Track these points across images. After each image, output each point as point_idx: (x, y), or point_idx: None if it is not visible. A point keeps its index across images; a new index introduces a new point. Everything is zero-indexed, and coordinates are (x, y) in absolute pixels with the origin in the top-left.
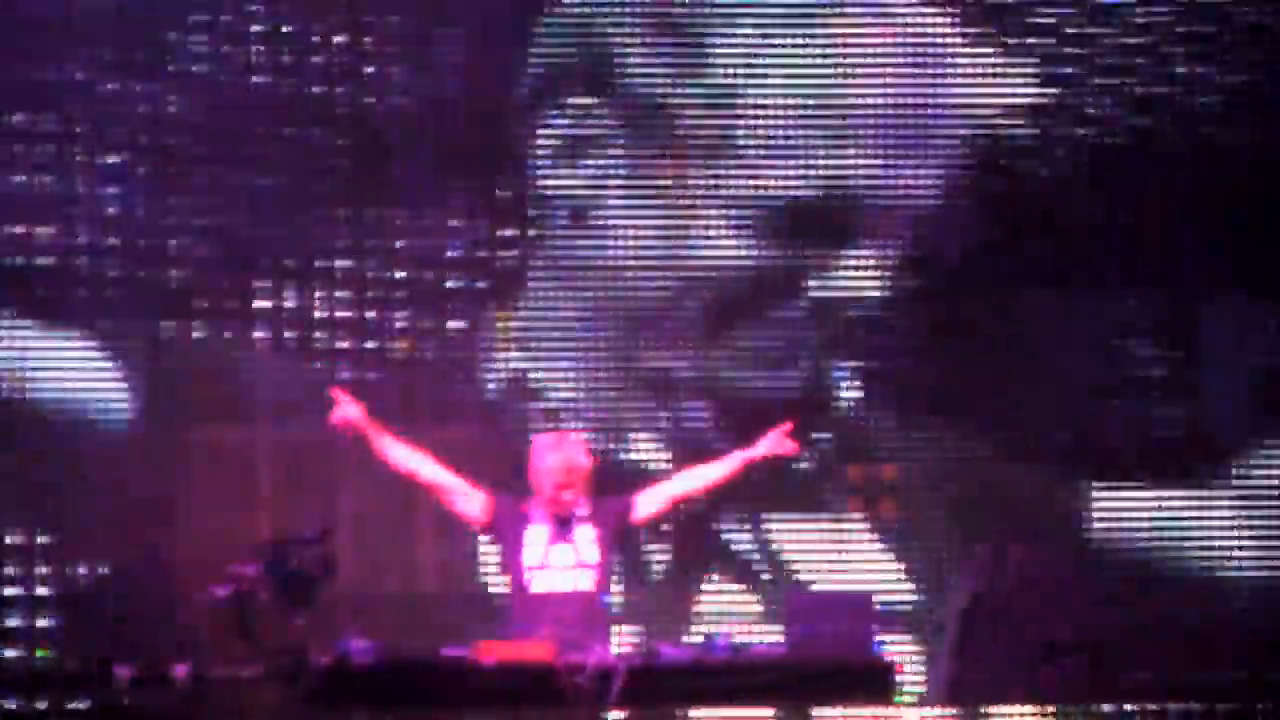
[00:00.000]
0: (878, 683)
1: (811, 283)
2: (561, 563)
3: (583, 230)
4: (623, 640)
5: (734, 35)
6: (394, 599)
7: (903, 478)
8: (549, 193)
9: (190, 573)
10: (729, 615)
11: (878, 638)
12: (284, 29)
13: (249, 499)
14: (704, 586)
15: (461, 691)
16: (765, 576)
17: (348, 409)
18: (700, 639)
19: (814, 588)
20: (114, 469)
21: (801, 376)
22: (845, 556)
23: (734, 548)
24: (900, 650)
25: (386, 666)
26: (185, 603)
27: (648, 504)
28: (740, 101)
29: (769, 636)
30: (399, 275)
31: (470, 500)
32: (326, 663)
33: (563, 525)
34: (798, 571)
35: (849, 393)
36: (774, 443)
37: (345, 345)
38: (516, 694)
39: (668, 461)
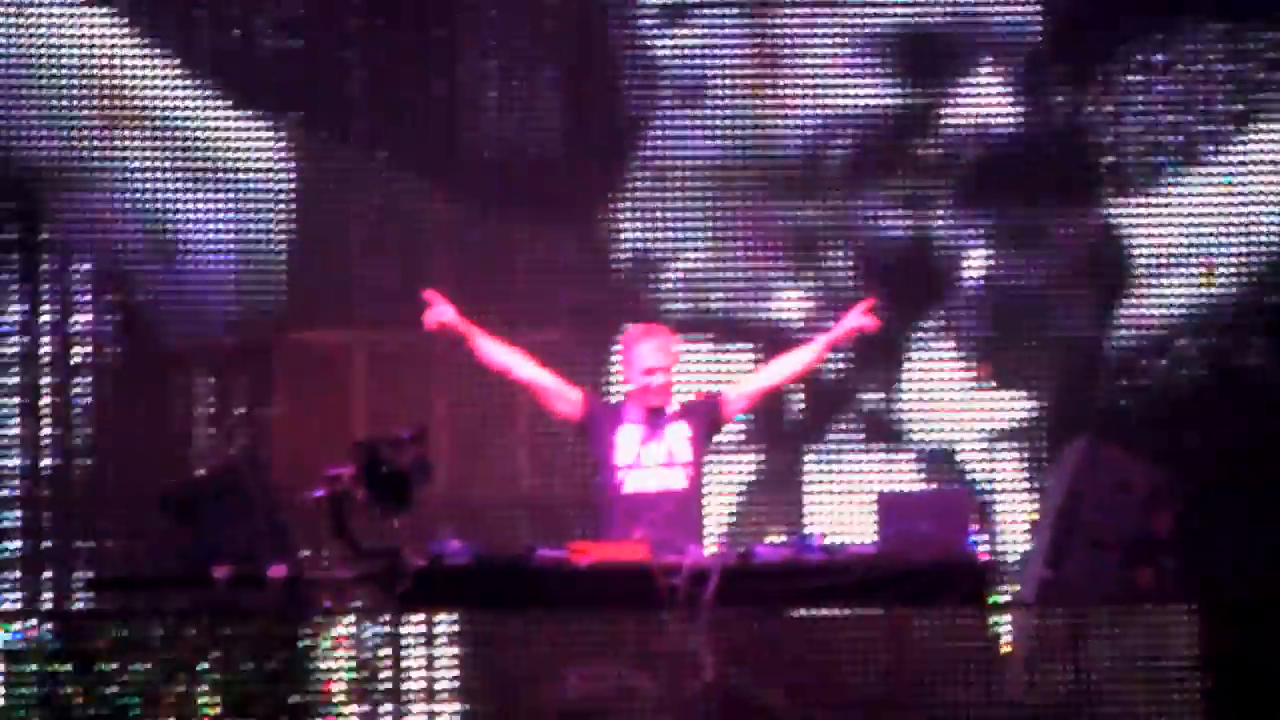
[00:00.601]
0: (971, 583)
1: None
2: (654, 461)
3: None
4: (716, 540)
5: None
6: (489, 501)
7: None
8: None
9: (287, 475)
10: (823, 515)
11: (972, 537)
12: None
13: (344, 402)
14: (804, 485)
15: (556, 593)
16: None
17: (441, 310)
18: (793, 539)
19: (908, 486)
20: (212, 370)
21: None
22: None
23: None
24: (995, 550)
25: (480, 568)
26: (282, 505)
27: (737, 399)
28: None
29: (863, 537)
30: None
31: (565, 398)
32: (421, 564)
33: (654, 424)
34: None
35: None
36: (856, 320)
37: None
38: (611, 595)
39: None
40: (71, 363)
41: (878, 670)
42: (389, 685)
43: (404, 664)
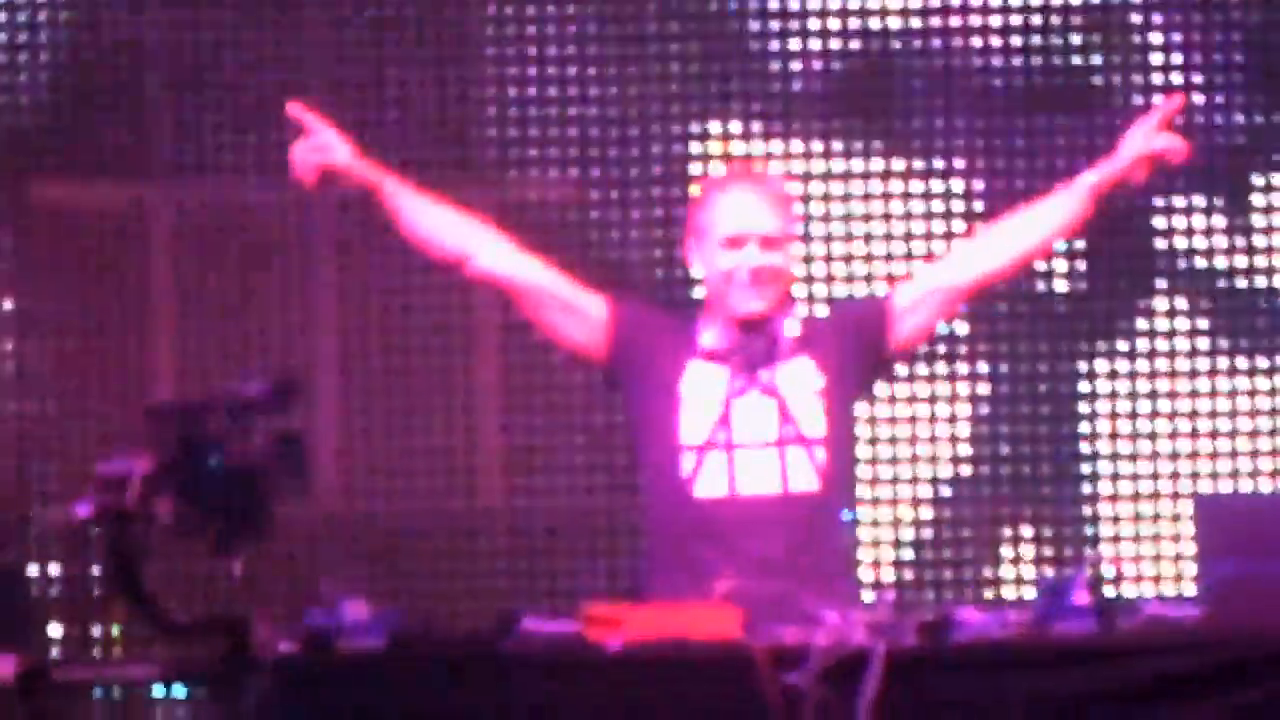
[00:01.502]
0: None
1: None
2: (755, 435)
3: None
4: (881, 597)
5: None
6: (422, 518)
7: None
8: None
9: (17, 476)
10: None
11: None
12: None
13: (135, 325)
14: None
15: (560, 706)
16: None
17: (324, 142)
18: (1032, 588)
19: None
20: None
21: None
22: None
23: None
24: None
25: (404, 656)
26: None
27: (921, 303)
28: None
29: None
30: None
31: (574, 310)
32: (288, 649)
33: (755, 357)
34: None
35: None
36: (1143, 142)
37: None
38: (668, 705)
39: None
40: None
41: None
42: None
43: None
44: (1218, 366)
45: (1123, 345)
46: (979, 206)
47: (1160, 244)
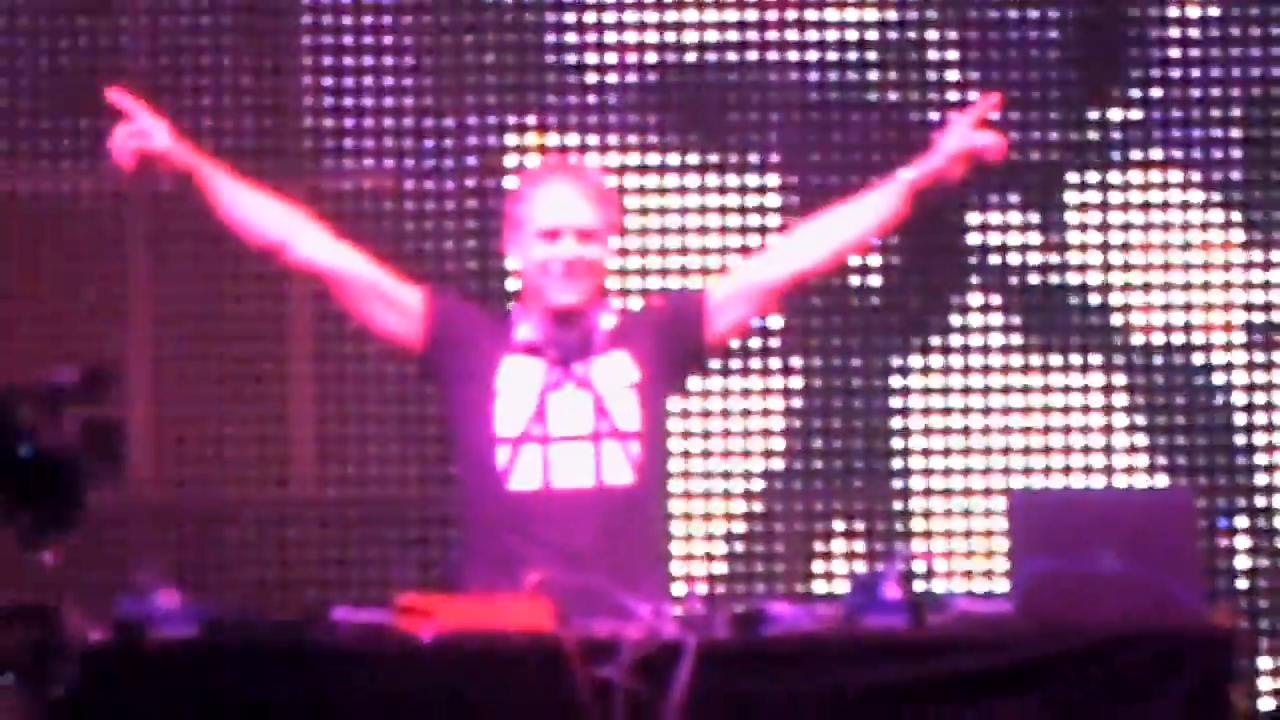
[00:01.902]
0: (1208, 666)
1: None
2: (569, 428)
3: None
4: (693, 590)
5: None
6: (240, 503)
7: None
8: None
9: None
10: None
11: (1197, 583)
12: None
13: None
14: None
15: (370, 696)
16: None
17: (144, 127)
18: (844, 583)
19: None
20: None
21: None
22: None
23: None
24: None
25: (215, 646)
26: None
27: (736, 298)
28: None
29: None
30: None
31: (390, 301)
32: (98, 638)
33: (570, 350)
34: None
35: None
36: (970, 139)
37: None
38: (482, 700)
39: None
40: None
41: None
42: None
43: None
44: (1029, 364)
45: (935, 341)
46: (794, 202)
47: (973, 241)
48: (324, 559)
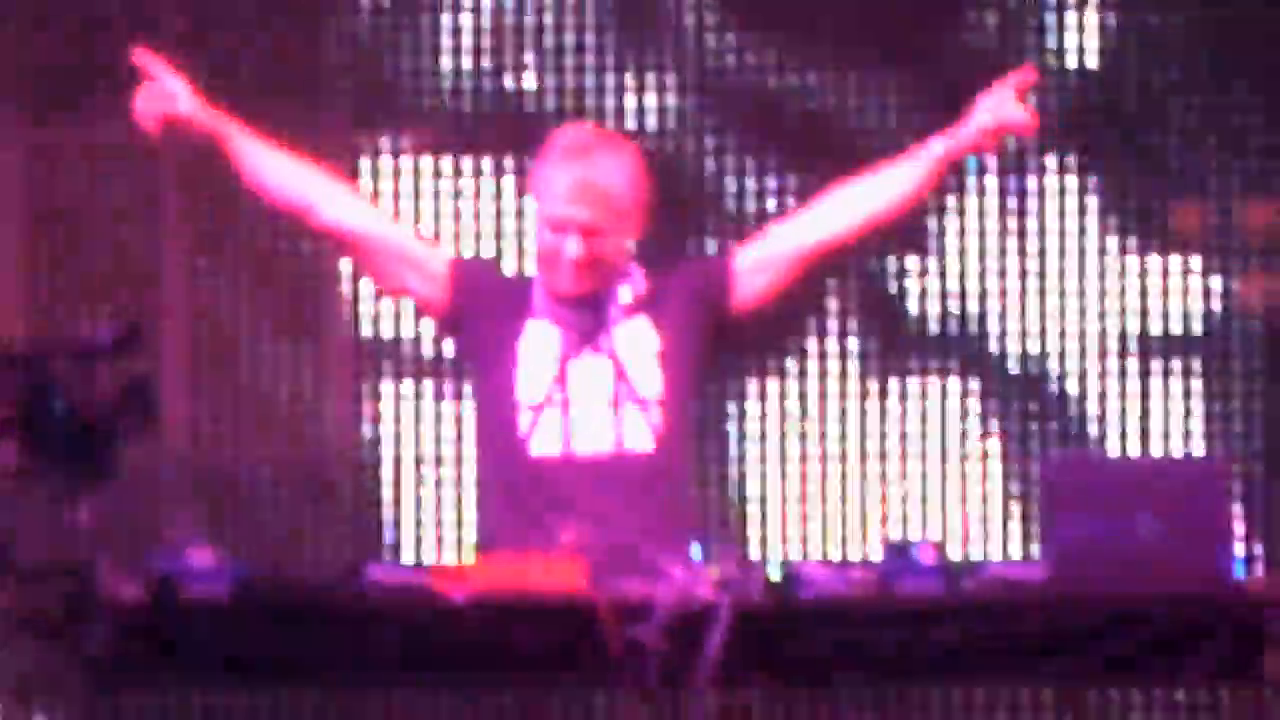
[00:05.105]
0: (1239, 638)
1: None
2: (590, 394)
3: None
4: (724, 555)
5: None
6: (263, 467)
7: None
8: None
9: None
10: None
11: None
12: None
13: None
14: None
15: (404, 655)
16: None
17: (167, 89)
18: (877, 551)
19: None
20: None
21: None
22: None
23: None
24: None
25: (250, 603)
26: None
27: (762, 266)
28: None
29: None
30: None
31: (416, 266)
32: (136, 597)
33: (592, 319)
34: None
35: None
36: (994, 111)
37: None
38: (513, 659)
39: None
40: None
41: None
42: None
43: None
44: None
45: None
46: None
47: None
48: (360, 517)
